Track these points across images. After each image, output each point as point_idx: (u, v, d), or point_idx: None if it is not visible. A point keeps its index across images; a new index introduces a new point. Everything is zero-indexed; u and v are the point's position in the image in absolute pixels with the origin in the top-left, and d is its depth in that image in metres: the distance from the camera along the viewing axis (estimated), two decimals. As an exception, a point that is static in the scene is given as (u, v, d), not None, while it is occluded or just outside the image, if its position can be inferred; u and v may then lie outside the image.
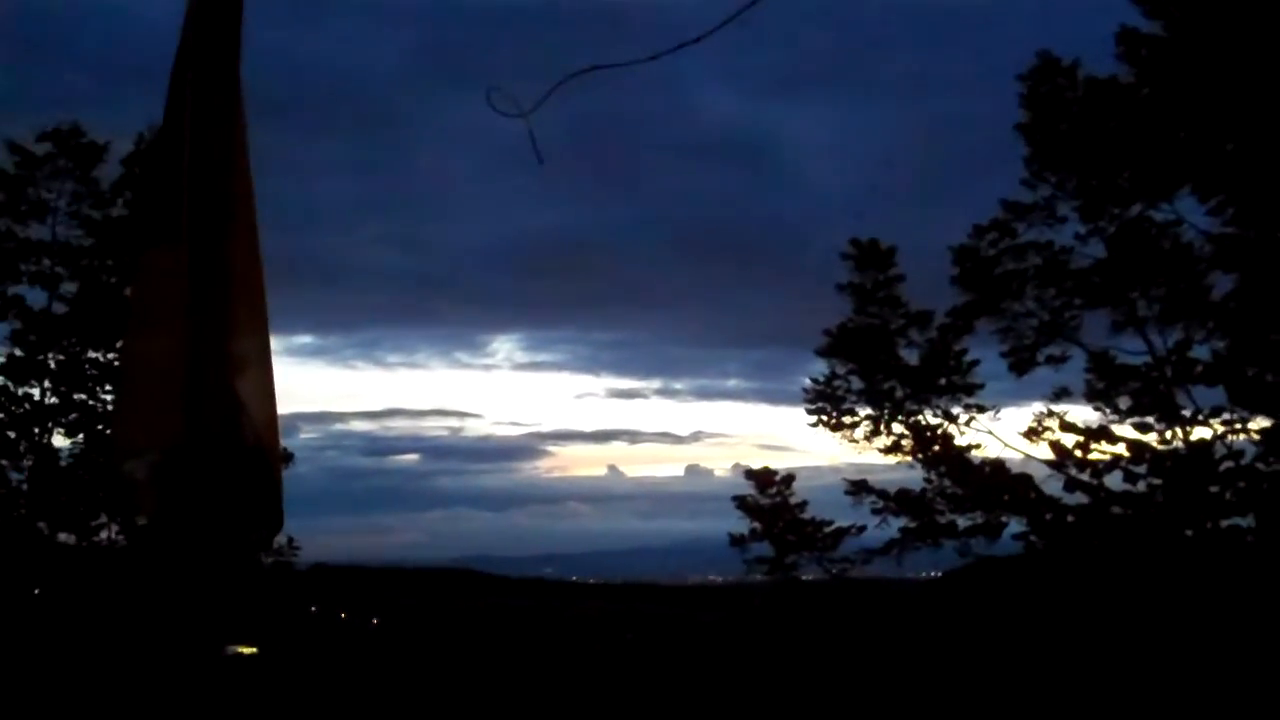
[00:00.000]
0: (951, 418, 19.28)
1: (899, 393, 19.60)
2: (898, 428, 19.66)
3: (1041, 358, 18.29)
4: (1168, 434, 17.09)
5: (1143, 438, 17.18)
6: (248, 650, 22.90)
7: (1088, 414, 17.93)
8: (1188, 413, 16.91)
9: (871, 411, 19.91)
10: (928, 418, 19.46)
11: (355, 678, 22.72)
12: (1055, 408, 18.07)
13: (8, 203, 20.87)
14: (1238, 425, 16.51)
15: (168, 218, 3.62)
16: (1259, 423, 16.38)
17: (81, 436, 21.28)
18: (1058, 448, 17.85)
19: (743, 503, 22.05)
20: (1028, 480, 18.16)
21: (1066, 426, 17.85)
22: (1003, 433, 18.99)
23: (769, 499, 22.00)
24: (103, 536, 21.21)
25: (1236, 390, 16.34)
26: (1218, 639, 14.45)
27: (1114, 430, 17.45)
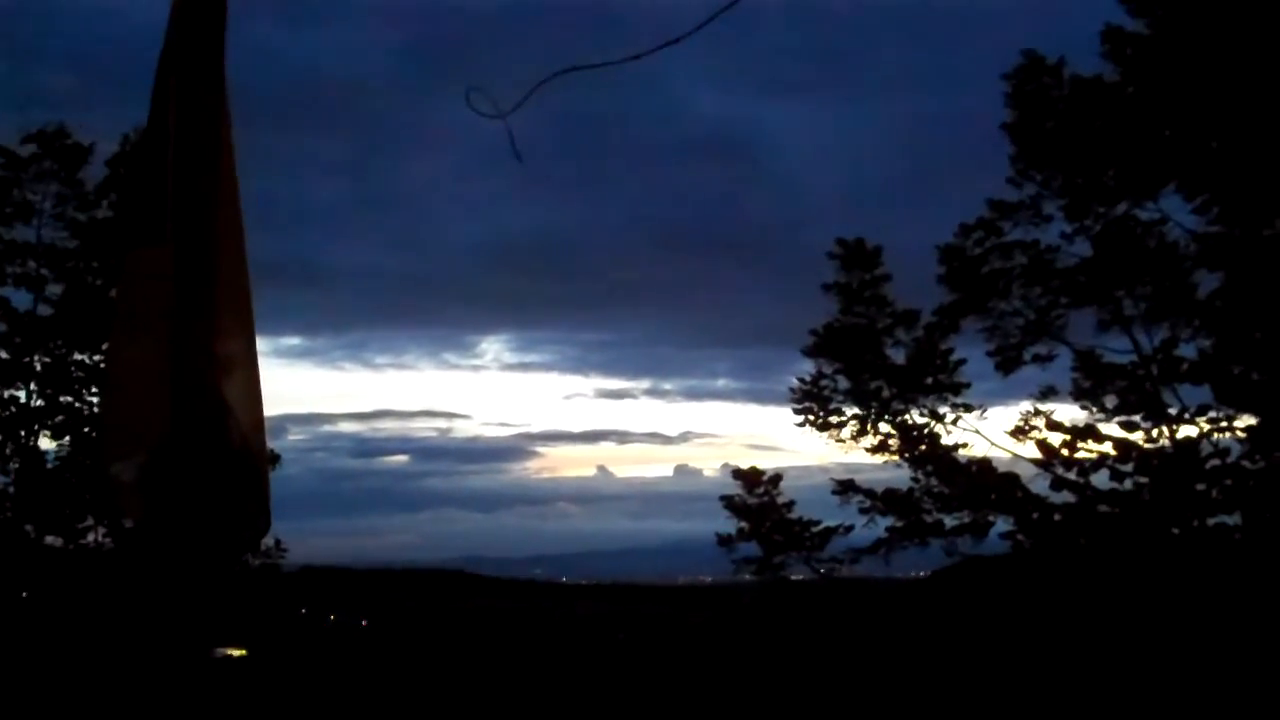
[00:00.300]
0: (938, 417, 19.28)
1: (885, 392, 19.59)
2: (884, 427, 19.63)
3: (1028, 356, 18.29)
4: (1154, 432, 17.11)
5: (1129, 436, 17.20)
6: (237, 653, 22.87)
7: (1074, 413, 17.96)
8: (1174, 411, 16.93)
9: (858, 411, 19.87)
10: (914, 417, 19.45)
11: (344, 680, 22.68)
12: (1042, 406, 18.07)
13: (-8, 205, 20.81)
14: (1224, 423, 16.52)
15: (153, 219, 3.61)
16: (1245, 421, 16.41)
17: (68, 439, 21.23)
18: (1044, 446, 17.86)
19: (730, 503, 21.96)
20: (1014, 479, 18.17)
21: (1053, 425, 17.86)
22: (989, 432, 18.98)
23: (756, 499, 21.90)
24: (90, 539, 21.16)
25: (1222, 388, 16.37)
26: (1205, 637, 14.49)
27: (1100, 429, 17.46)
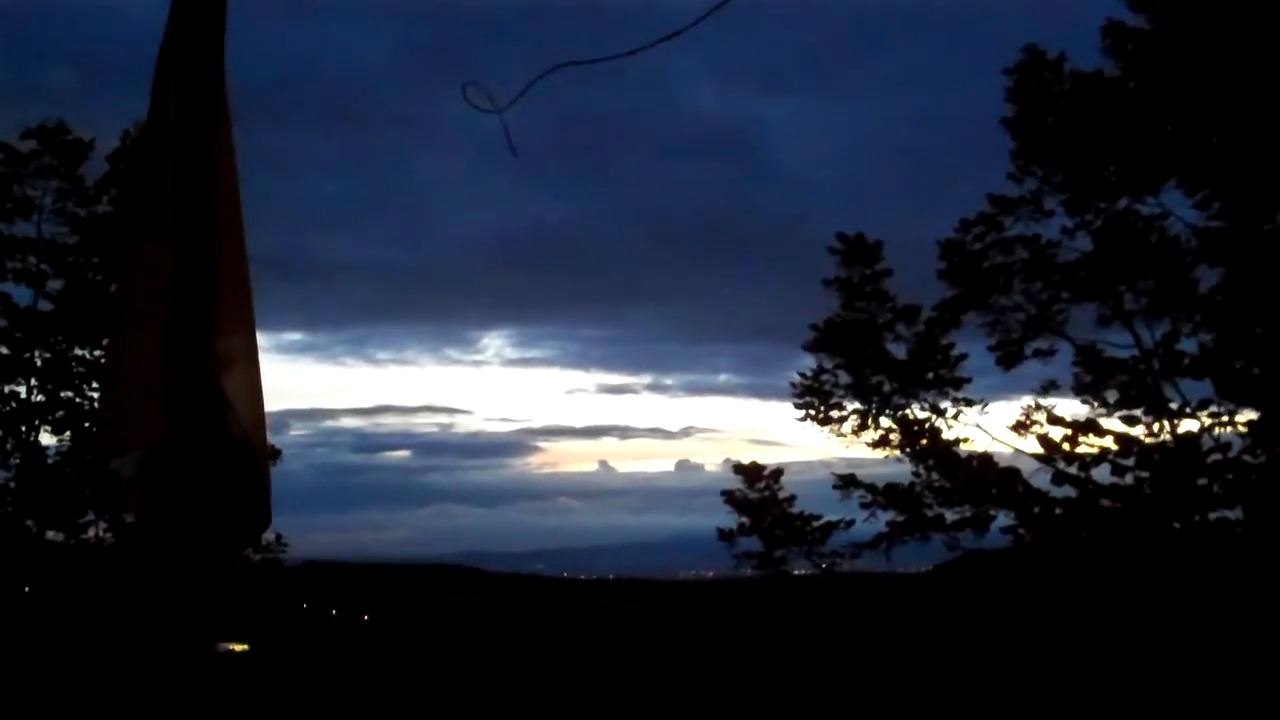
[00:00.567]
0: (939, 412, 19.26)
1: (887, 387, 19.56)
2: (885, 422, 19.60)
3: (1029, 351, 18.28)
4: (1155, 427, 17.12)
5: (1130, 431, 17.21)
6: (239, 647, 22.90)
7: (1075, 407, 17.96)
8: (1175, 406, 16.93)
9: (859, 406, 19.84)
10: (915, 412, 19.42)
11: (346, 674, 22.71)
12: (1043, 401, 18.07)
13: (-7, 200, 20.82)
14: (1225, 418, 16.53)
15: (153, 214, 3.61)
16: (1246, 415, 16.42)
17: (68, 434, 21.27)
18: (1045, 441, 17.87)
19: (731, 497, 21.93)
20: (1015, 474, 18.16)
21: (1054, 420, 17.87)
22: (990, 426, 18.96)
23: (757, 494, 21.88)
24: (91, 534, 21.21)
25: (1224, 383, 16.37)
26: (1207, 631, 14.50)
27: (1102, 423, 17.46)
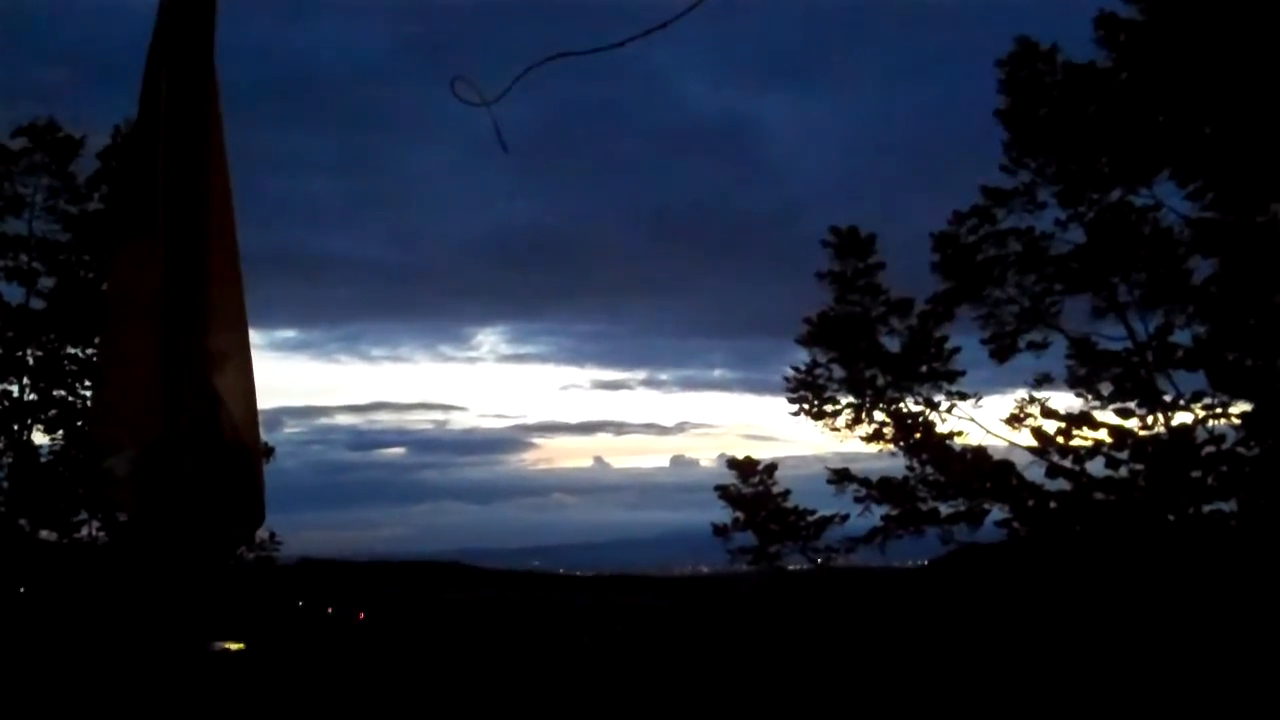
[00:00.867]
0: (933, 405, 19.27)
1: (880, 380, 19.57)
2: (879, 415, 19.61)
3: (1022, 344, 18.30)
4: (1149, 419, 17.15)
5: (1124, 423, 17.23)
6: (234, 646, 22.86)
7: (1069, 400, 17.97)
8: (1169, 398, 16.96)
9: (853, 399, 19.86)
10: (909, 405, 19.43)
11: (342, 672, 22.69)
12: (1037, 394, 18.06)
13: (-16, 198, 20.77)
14: (1219, 410, 16.55)
15: (143, 211, 3.59)
16: (1240, 407, 16.44)
17: (61, 433, 21.24)
18: (1039, 434, 17.87)
19: (726, 493, 21.92)
20: (1010, 467, 18.18)
21: (1048, 413, 17.87)
22: (984, 420, 18.96)
23: (752, 488, 21.86)
24: (84, 533, 21.16)
25: (1217, 375, 16.39)
26: (1201, 624, 14.52)
27: (1095, 416, 17.49)
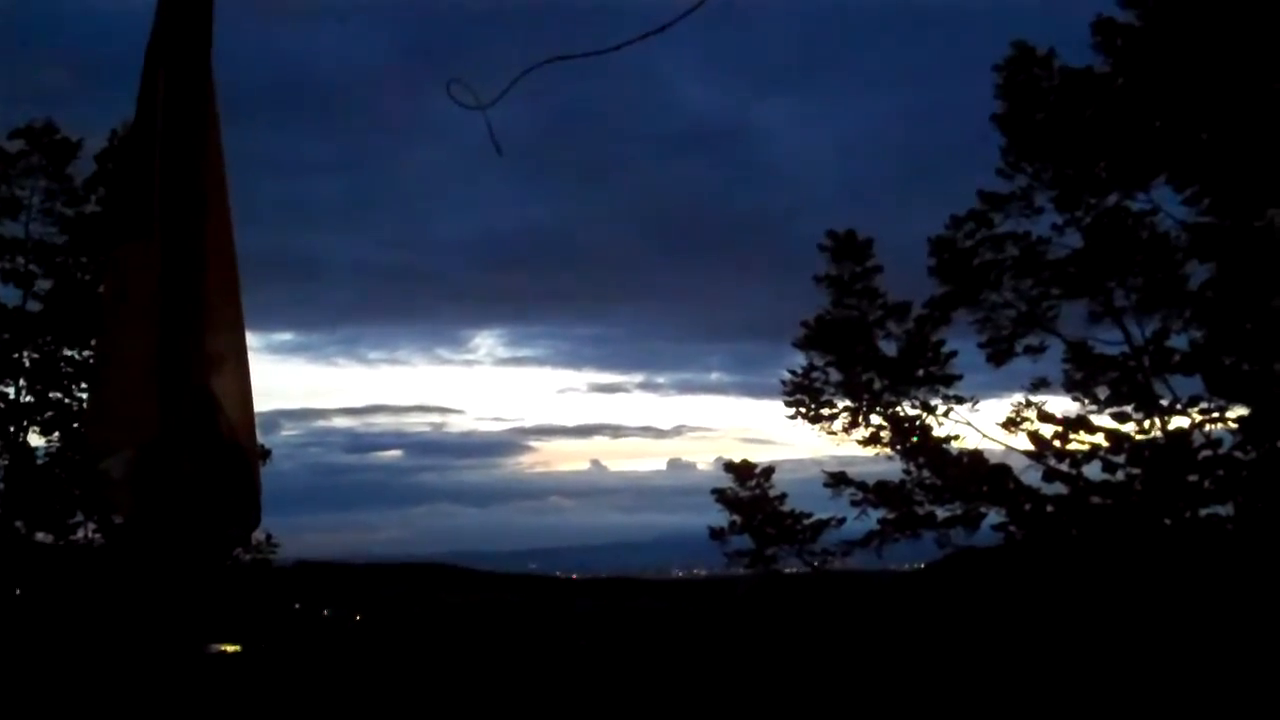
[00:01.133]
0: (930, 409, 19.28)
1: (877, 384, 19.58)
2: (876, 419, 19.63)
3: (1019, 348, 18.33)
4: (1146, 423, 17.16)
5: (1121, 427, 17.25)
6: (231, 648, 22.83)
7: (1066, 404, 17.99)
8: (1166, 402, 16.98)
9: (850, 403, 19.88)
10: (906, 409, 19.44)
11: (339, 674, 22.65)
12: (1033, 398, 18.11)
13: (-19, 200, 20.77)
14: (1215, 414, 16.56)
15: (140, 214, 3.59)
16: (1236, 411, 16.45)
17: (57, 435, 21.24)
18: (1036, 438, 17.89)
19: (723, 496, 21.90)
20: (1006, 471, 18.20)
21: (1045, 417, 17.89)
22: (981, 424, 18.98)
23: (749, 492, 21.85)
24: (80, 535, 21.14)
25: (1214, 379, 16.41)
26: (1198, 627, 14.53)
27: (1092, 420, 17.53)
